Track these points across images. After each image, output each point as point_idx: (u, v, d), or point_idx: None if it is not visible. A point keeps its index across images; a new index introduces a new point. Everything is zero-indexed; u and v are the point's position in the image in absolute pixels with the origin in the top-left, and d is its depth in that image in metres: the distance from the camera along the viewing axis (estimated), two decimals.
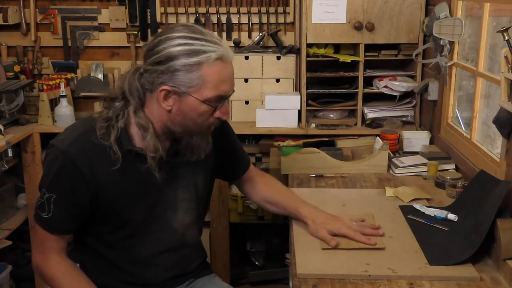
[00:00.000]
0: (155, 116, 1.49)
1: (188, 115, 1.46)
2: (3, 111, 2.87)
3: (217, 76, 1.43)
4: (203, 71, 1.41)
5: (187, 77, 1.41)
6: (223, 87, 1.45)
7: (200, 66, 1.40)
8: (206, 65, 1.40)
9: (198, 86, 1.42)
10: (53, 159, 1.48)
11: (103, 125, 1.49)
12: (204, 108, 1.45)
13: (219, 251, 2.96)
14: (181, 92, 1.42)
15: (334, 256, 1.55)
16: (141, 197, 1.55)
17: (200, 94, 1.43)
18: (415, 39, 2.77)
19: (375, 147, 2.45)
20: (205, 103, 1.44)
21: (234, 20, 3.14)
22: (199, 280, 1.75)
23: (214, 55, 1.41)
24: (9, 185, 3.04)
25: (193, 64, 1.40)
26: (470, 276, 1.44)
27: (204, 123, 1.50)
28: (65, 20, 3.20)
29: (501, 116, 1.75)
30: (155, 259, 1.62)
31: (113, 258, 1.61)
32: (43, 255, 1.55)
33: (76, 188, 1.47)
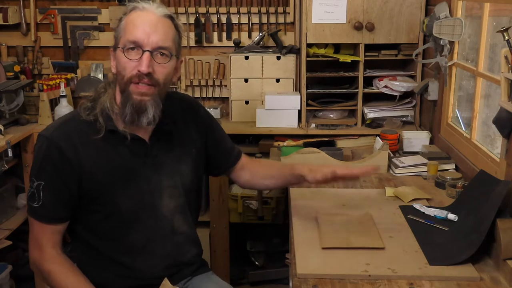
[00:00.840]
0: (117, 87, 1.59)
1: (118, 69, 1.55)
2: (3, 111, 2.87)
3: (130, 22, 1.53)
4: (123, 22, 1.54)
5: (116, 32, 1.56)
6: (135, 32, 1.50)
7: (123, 18, 1.55)
8: (126, 16, 1.54)
9: (119, 36, 1.54)
10: (39, 146, 1.55)
11: (87, 105, 1.59)
12: (123, 57, 1.52)
13: (219, 251, 2.96)
14: (115, 47, 1.56)
15: (334, 256, 1.55)
16: (126, 181, 1.58)
17: (121, 43, 1.53)
18: (415, 39, 2.77)
19: (375, 147, 2.46)
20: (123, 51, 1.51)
21: (234, 20, 3.14)
22: (197, 278, 1.75)
23: (131, 6, 1.55)
24: (9, 185, 3.04)
25: (120, 20, 1.55)
26: (470, 276, 1.44)
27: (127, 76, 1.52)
28: (65, 20, 3.20)
29: (501, 116, 1.75)
30: (147, 247, 1.63)
31: (106, 250, 1.61)
32: (39, 250, 1.57)
33: (63, 172, 1.52)
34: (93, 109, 1.57)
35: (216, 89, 3.19)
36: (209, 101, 3.21)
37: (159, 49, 1.51)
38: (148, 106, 1.53)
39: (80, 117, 1.57)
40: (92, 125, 1.55)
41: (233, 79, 2.98)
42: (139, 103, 1.52)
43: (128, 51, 1.50)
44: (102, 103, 1.58)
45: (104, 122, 1.55)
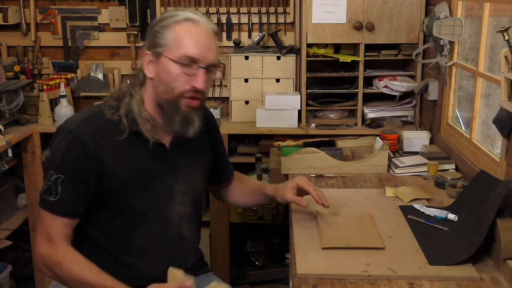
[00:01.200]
0: (147, 91, 1.57)
1: (164, 80, 1.51)
2: (3, 111, 2.87)
3: (188, 35, 1.50)
4: (175, 30, 1.50)
5: (161, 38, 1.51)
6: (193, 48, 1.49)
7: (171, 26, 1.50)
8: (177, 25, 1.50)
9: (169, 45, 1.50)
10: (61, 139, 1.52)
11: (112, 104, 1.56)
12: (176, 69, 1.49)
13: (219, 251, 2.96)
14: (158, 53, 1.51)
15: (334, 256, 1.55)
16: (143, 183, 1.58)
17: (171, 53, 1.49)
18: (415, 39, 2.77)
19: (375, 147, 2.45)
20: (177, 63, 1.49)
21: (234, 20, 3.14)
22: (197, 278, 1.74)
23: (183, 16, 1.51)
24: (9, 185, 3.04)
25: (166, 25, 1.51)
26: (470, 276, 1.44)
27: (179, 90, 1.51)
28: (65, 20, 3.20)
29: (501, 116, 1.75)
30: (151, 249, 1.63)
31: (110, 248, 1.61)
32: (50, 243, 1.52)
33: (84, 166, 1.50)
34: (118, 108, 1.55)
35: (216, 89, 3.19)
36: (209, 101, 3.21)
37: (211, 66, 1.53)
38: (195, 118, 1.57)
39: (104, 115, 1.55)
40: (116, 125, 1.54)
41: (233, 79, 2.98)
42: (188, 115, 1.55)
43: (183, 65, 1.49)
44: (127, 105, 1.56)
45: (128, 123, 1.54)
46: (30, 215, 3.01)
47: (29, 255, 3.12)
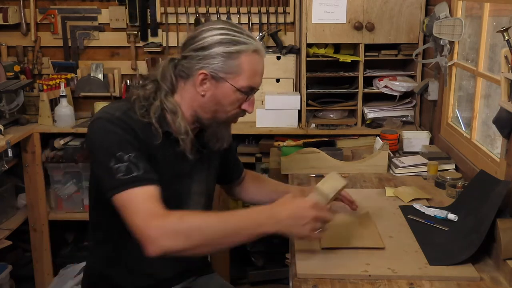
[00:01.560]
0: (187, 101, 1.55)
1: (220, 101, 1.52)
2: (3, 111, 2.87)
3: (252, 67, 1.51)
4: (242, 60, 1.49)
5: (226, 64, 1.48)
6: (256, 79, 1.53)
7: (239, 55, 1.48)
8: (244, 55, 1.49)
9: (235, 73, 1.49)
10: (109, 124, 1.45)
11: (143, 104, 1.52)
12: (236, 96, 1.52)
13: (219, 251, 2.96)
14: (219, 77, 1.49)
15: (334, 256, 1.55)
16: (167, 181, 1.56)
17: (236, 82, 1.50)
18: (415, 39, 2.77)
19: (375, 147, 2.45)
20: (238, 91, 1.51)
21: (234, 20, 3.14)
22: (201, 278, 1.76)
23: (252, 47, 1.50)
24: (9, 185, 3.04)
25: (233, 52, 1.48)
26: (470, 276, 1.44)
27: (232, 112, 1.56)
28: (65, 20, 3.20)
29: (501, 116, 1.75)
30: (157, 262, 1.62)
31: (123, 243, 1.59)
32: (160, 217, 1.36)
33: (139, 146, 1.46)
34: (147, 111, 1.50)
35: None
36: None
37: None
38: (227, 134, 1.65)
39: (135, 114, 1.50)
40: (146, 126, 1.49)
41: None
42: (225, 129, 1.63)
43: (242, 94, 1.53)
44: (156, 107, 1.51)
45: (160, 124, 1.51)
46: (30, 215, 3.01)
47: (29, 255, 3.12)
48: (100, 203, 1.59)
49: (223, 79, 1.49)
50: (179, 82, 1.55)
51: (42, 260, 3.06)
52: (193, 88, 1.52)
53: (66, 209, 3.09)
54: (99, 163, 1.44)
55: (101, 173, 1.44)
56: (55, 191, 3.06)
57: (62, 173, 3.04)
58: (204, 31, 1.50)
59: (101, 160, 1.43)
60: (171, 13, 3.14)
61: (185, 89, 1.54)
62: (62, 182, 3.05)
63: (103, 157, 1.42)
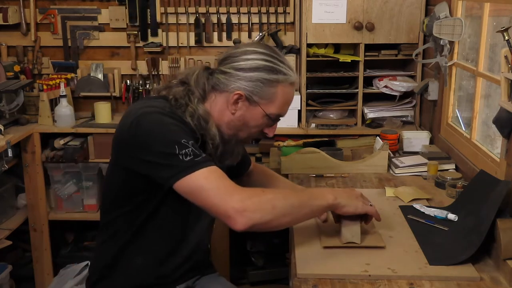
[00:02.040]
0: (215, 114, 1.57)
1: (247, 123, 1.58)
2: (3, 111, 2.87)
3: (285, 98, 1.58)
4: (278, 90, 1.55)
5: (263, 90, 1.54)
6: (285, 108, 1.61)
7: (277, 84, 1.54)
8: (282, 85, 1.55)
9: (268, 100, 1.55)
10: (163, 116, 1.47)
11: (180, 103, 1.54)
12: (263, 121, 1.59)
13: (219, 251, 2.96)
14: (253, 100, 1.55)
15: (334, 256, 1.55)
16: None
17: (267, 108, 1.56)
18: (415, 39, 2.77)
19: (375, 147, 2.45)
20: (267, 117, 1.58)
21: (234, 20, 3.14)
22: (205, 278, 1.77)
23: (291, 79, 1.57)
24: (9, 185, 3.04)
25: (273, 81, 1.54)
26: (470, 276, 1.44)
27: (254, 134, 1.63)
28: (65, 20, 3.20)
29: (501, 116, 1.75)
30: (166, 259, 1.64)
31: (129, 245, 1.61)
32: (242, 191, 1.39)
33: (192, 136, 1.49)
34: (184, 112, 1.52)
35: None
36: None
37: None
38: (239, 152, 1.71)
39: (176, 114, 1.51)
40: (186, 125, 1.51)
41: None
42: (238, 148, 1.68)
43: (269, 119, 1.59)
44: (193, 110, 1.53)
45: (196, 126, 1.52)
46: (30, 215, 3.01)
47: (29, 255, 3.12)
48: (122, 201, 1.58)
49: (256, 103, 1.55)
50: (211, 92, 1.58)
51: (42, 260, 3.06)
52: (225, 103, 1.56)
53: (66, 209, 3.09)
54: (159, 154, 1.42)
55: (163, 162, 1.41)
56: (55, 191, 3.06)
57: (62, 173, 3.04)
58: (248, 53, 1.55)
59: (161, 151, 1.41)
60: (171, 13, 3.14)
61: (216, 102, 1.57)
62: (62, 182, 3.05)
63: (165, 146, 1.41)
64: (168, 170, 1.41)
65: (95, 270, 1.72)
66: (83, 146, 2.94)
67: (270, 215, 1.40)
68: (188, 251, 1.68)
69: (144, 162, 1.45)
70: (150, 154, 1.43)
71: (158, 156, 1.42)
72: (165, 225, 1.60)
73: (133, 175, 1.49)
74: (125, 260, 1.63)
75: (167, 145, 1.41)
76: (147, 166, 1.44)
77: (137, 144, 1.46)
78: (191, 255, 1.70)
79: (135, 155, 1.47)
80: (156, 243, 1.62)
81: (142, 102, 1.63)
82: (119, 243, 1.62)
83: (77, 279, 2.84)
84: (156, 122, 1.46)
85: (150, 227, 1.59)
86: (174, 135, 1.43)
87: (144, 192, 1.54)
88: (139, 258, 1.62)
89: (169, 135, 1.43)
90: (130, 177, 1.52)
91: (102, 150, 2.92)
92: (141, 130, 1.45)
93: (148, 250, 1.62)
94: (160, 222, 1.59)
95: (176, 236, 1.64)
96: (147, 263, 1.63)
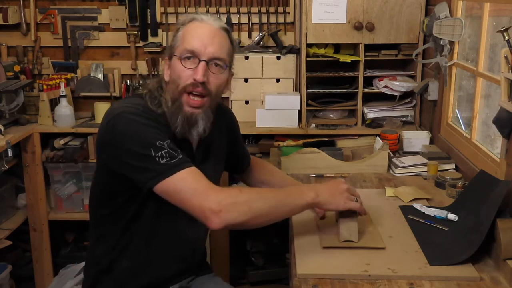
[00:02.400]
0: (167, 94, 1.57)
1: (172, 77, 1.55)
2: (3, 111, 2.87)
3: (189, 33, 1.55)
4: (183, 32, 1.56)
5: (174, 41, 1.57)
6: (192, 41, 1.53)
7: (180, 29, 1.57)
8: (185, 27, 1.56)
9: (177, 45, 1.55)
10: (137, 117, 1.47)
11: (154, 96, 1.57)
12: (179, 65, 1.53)
13: (219, 251, 2.96)
14: (170, 56, 1.57)
15: (334, 256, 1.55)
16: None
17: (177, 51, 1.54)
18: (415, 39, 2.77)
19: (375, 147, 2.45)
20: (179, 59, 1.53)
21: (234, 20, 3.14)
22: (200, 278, 1.77)
23: (190, 17, 1.58)
24: (9, 185, 3.04)
25: (178, 29, 1.58)
26: (470, 276, 1.44)
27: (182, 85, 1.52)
28: (65, 20, 3.20)
29: (501, 116, 1.75)
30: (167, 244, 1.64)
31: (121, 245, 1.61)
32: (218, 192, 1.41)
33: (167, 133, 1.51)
34: (159, 102, 1.56)
35: None
36: None
37: (214, 59, 1.54)
38: (199, 119, 1.55)
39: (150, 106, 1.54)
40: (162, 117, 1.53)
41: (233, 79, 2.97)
42: (191, 116, 1.54)
43: (185, 60, 1.52)
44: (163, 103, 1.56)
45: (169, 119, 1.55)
46: (30, 215, 3.01)
47: (29, 255, 3.12)
48: (105, 201, 1.59)
49: (171, 56, 1.56)
50: None
51: (42, 260, 3.06)
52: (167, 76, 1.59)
53: (66, 209, 3.09)
54: (135, 156, 1.42)
55: (139, 164, 1.42)
56: (55, 191, 3.06)
57: (62, 173, 3.04)
58: None
59: (137, 153, 1.42)
60: (171, 13, 3.14)
61: None
62: (62, 182, 3.05)
63: (141, 148, 1.42)
64: (145, 173, 1.42)
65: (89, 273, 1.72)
66: (83, 146, 2.94)
67: (246, 216, 1.41)
68: (182, 253, 1.68)
69: (122, 163, 1.46)
70: (127, 155, 1.44)
71: (134, 158, 1.43)
72: (151, 227, 1.59)
73: (113, 175, 1.50)
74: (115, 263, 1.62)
75: (143, 147, 1.42)
76: (125, 168, 1.46)
77: (114, 144, 1.47)
78: (186, 257, 1.69)
79: (114, 155, 1.48)
80: (144, 245, 1.61)
81: (120, 101, 1.65)
82: (108, 245, 1.62)
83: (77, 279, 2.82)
84: (130, 123, 1.46)
85: (135, 229, 1.59)
86: (148, 137, 1.43)
87: (125, 193, 1.54)
88: (127, 261, 1.62)
89: (144, 137, 1.43)
90: (111, 177, 1.53)
91: None
92: (117, 130, 1.47)
93: (136, 253, 1.61)
94: (145, 224, 1.58)
95: (167, 238, 1.63)
96: (137, 265, 1.62)
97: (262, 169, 1.97)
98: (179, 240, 1.66)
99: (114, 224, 1.59)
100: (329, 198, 1.53)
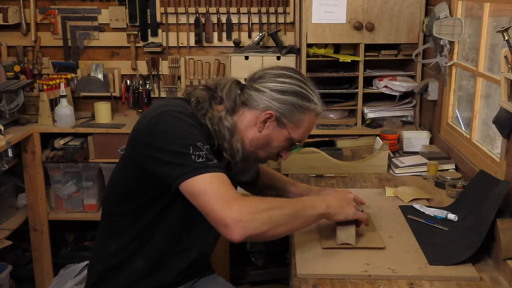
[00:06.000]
0: (241, 128, 1.58)
1: (270, 142, 1.60)
2: (3, 111, 2.87)
3: (309, 126, 1.63)
4: (306, 117, 1.59)
5: (294, 115, 1.57)
6: (306, 135, 1.64)
7: (306, 111, 1.59)
8: (310, 113, 1.60)
9: (295, 125, 1.59)
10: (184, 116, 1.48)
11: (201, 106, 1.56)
12: (285, 144, 1.62)
13: (219, 251, 2.96)
14: (282, 123, 1.58)
15: (334, 256, 1.55)
16: None
17: (292, 132, 1.59)
18: (415, 39, 2.77)
19: (375, 147, 2.45)
20: (289, 140, 1.61)
21: (234, 20, 3.14)
22: (203, 279, 1.77)
23: (318, 109, 1.62)
24: (9, 185, 3.04)
25: (304, 108, 1.58)
26: (470, 276, 1.44)
27: (272, 154, 1.65)
28: (65, 20, 3.20)
29: (501, 116, 1.75)
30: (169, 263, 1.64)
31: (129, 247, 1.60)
32: (240, 200, 1.38)
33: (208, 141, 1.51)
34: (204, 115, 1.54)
35: None
36: None
37: None
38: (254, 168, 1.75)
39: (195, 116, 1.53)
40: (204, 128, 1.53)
41: None
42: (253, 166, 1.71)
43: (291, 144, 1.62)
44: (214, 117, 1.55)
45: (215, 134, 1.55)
46: (30, 215, 3.01)
47: (29, 255, 3.12)
48: (127, 199, 1.58)
49: (284, 125, 1.58)
50: (240, 107, 1.59)
51: (42, 260, 3.07)
52: (253, 120, 1.57)
53: (66, 209, 3.09)
54: (173, 153, 1.41)
55: (175, 161, 1.41)
56: (55, 191, 3.06)
57: (62, 173, 3.04)
58: (284, 76, 1.59)
59: (176, 150, 1.41)
60: (171, 13, 3.14)
61: (244, 117, 1.58)
62: (62, 182, 3.05)
63: (180, 146, 1.41)
64: (178, 169, 1.40)
65: (94, 271, 1.71)
66: (83, 146, 2.94)
67: (266, 226, 1.38)
68: (192, 258, 1.67)
69: (155, 160, 1.44)
70: (164, 152, 1.42)
71: (171, 155, 1.41)
72: (170, 230, 1.59)
73: (142, 174, 1.49)
74: (126, 261, 1.62)
75: (182, 145, 1.41)
76: (158, 164, 1.44)
77: (153, 141, 1.45)
78: (194, 261, 1.69)
79: (148, 152, 1.46)
80: (160, 247, 1.61)
81: (163, 101, 1.63)
82: (120, 243, 1.61)
83: (77, 279, 2.84)
84: (175, 121, 1.46)
85: (155, 229, 1.58)
86: (191, 136, 1.43)
87: (150, 193, 1.53)
88: (140, 260, 1.61)
89: (186, 136, 1.43)
90: (139, 175, 1.51)
91: (102, 150, 2.93)
92: (159, 128, 1.45)
93: (151, 253, 1.61)
94: (165, 226, 1.58)
95: (182, 243, 1.63)
96: (149, 266, 1.62)
97: (264, 174, 1.95)
98: (192, 246, 1.65)
99: (133, 222, 1.59)
100: (338, 209, 1.56)
